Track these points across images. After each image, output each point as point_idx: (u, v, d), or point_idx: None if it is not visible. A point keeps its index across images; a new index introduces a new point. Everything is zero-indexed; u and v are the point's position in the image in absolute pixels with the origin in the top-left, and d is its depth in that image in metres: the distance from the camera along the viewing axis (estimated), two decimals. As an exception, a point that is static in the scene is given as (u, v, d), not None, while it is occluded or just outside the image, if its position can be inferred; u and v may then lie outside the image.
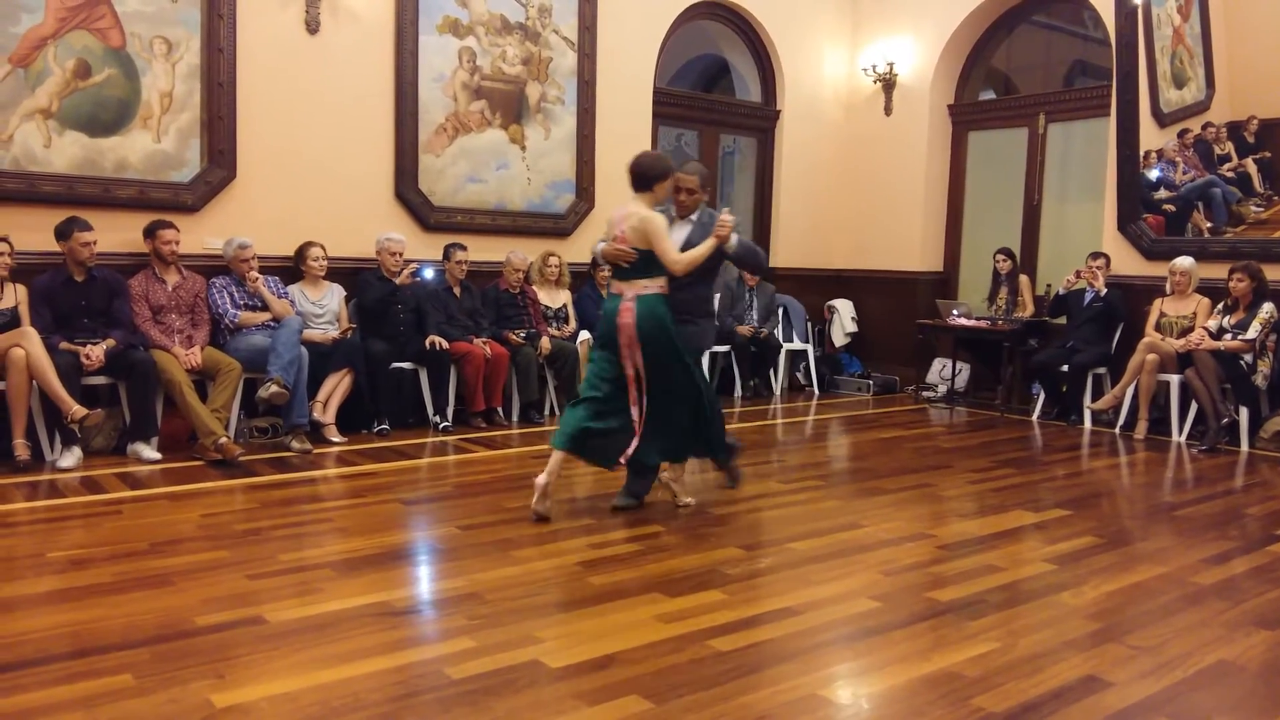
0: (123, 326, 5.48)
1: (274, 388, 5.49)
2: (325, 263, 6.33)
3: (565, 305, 7.44)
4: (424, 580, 3.68)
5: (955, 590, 3.67)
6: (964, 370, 8.80)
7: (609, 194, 7.90)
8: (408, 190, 6.95)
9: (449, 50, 7.10)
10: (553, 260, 7.39)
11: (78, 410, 5.02)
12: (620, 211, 4.47)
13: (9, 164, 5.53)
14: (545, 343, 6.95)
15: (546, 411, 7.10)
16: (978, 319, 8.35)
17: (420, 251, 6.87)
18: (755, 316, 8.58)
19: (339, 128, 6.61)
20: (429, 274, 6.66)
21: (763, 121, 9.39)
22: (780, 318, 8.91)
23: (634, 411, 4.47)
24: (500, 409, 6.74)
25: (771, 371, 8.74)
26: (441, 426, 6.41)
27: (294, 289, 6.27)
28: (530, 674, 2.83)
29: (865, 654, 3.07)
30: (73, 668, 2.78)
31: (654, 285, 4.42)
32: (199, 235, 6.10)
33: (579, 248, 7.73)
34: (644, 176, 4.45)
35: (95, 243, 5.43)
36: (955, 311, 8.46)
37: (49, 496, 4.65)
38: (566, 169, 7.77)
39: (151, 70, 5.96)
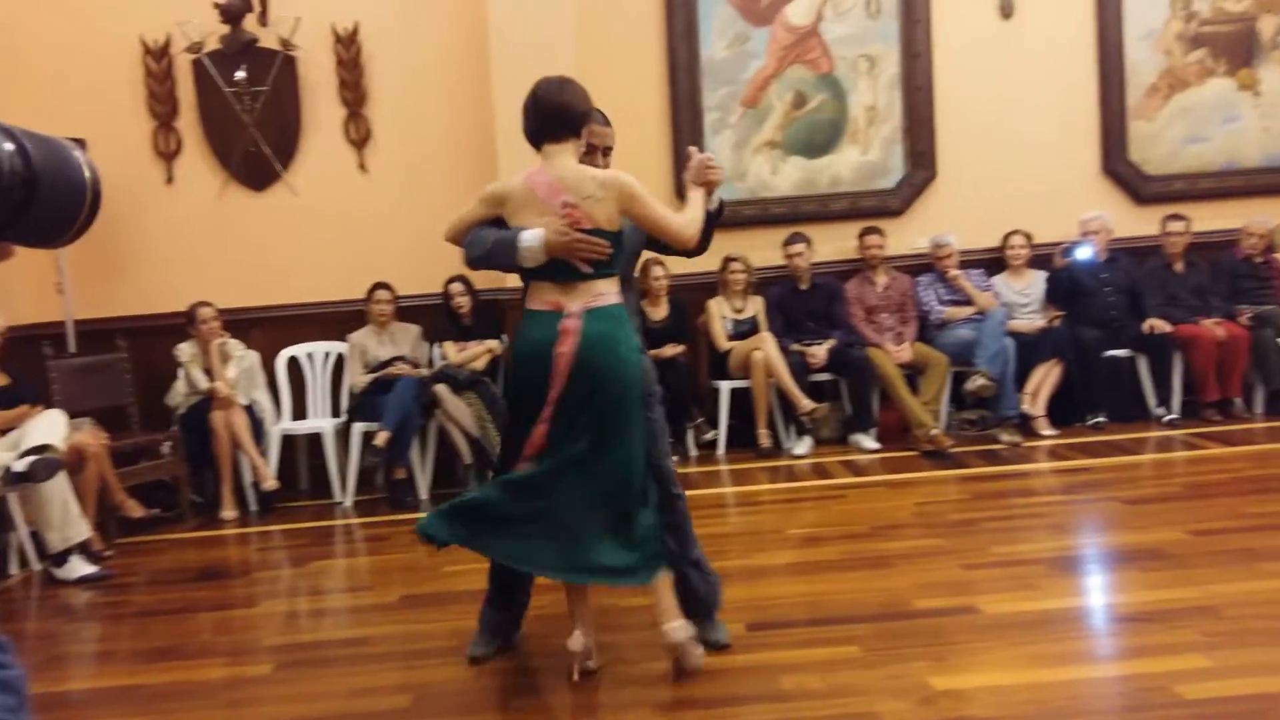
0: (841, 327, 6.01)
1: (981, 380, 5.54)
2: (1027, 251, 6.18)
3: (1323, 273, 6.22)
4: (1149, 587, 3.35)
5: None
6: None
7: (1382, 131, 6.42)
8: (1116, 163, 6.45)
9: (1159, 1, 6.42)
10: (1304, 221, 6.23)
11: (807, 404, 5.64)
12: (541, 178, 2.82)
13: (745, 193, 6.41)
14: (1297, 318, 5.88)
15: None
16: None
17: (1132, 227, 6.32)
18: None
19: (1036, 109, 6.39)
20: (1083, 253, 6.03)
21: None
22: None
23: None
24: (1240, 399, 5.88)
25: None
26: (1166, 419, 5.81)
27: (998, 280, 6.23)
28: (1286, 709, 2.42)
29: None
30: (809, 634, 3.12)
31: (612, 291, 2.85)
32: (906, 236, 6.39)
33: (1340, 202, 6.41)
34: (572, 114, 2.83)
35: (802, 254, 6.02)
36: None
37: (786, 480, 5.29)
38: (1317, 109, 6.49)
39: (857, 88, 6.42)
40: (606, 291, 2.82)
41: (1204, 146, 6.51)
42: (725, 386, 5.92)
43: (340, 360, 5.80)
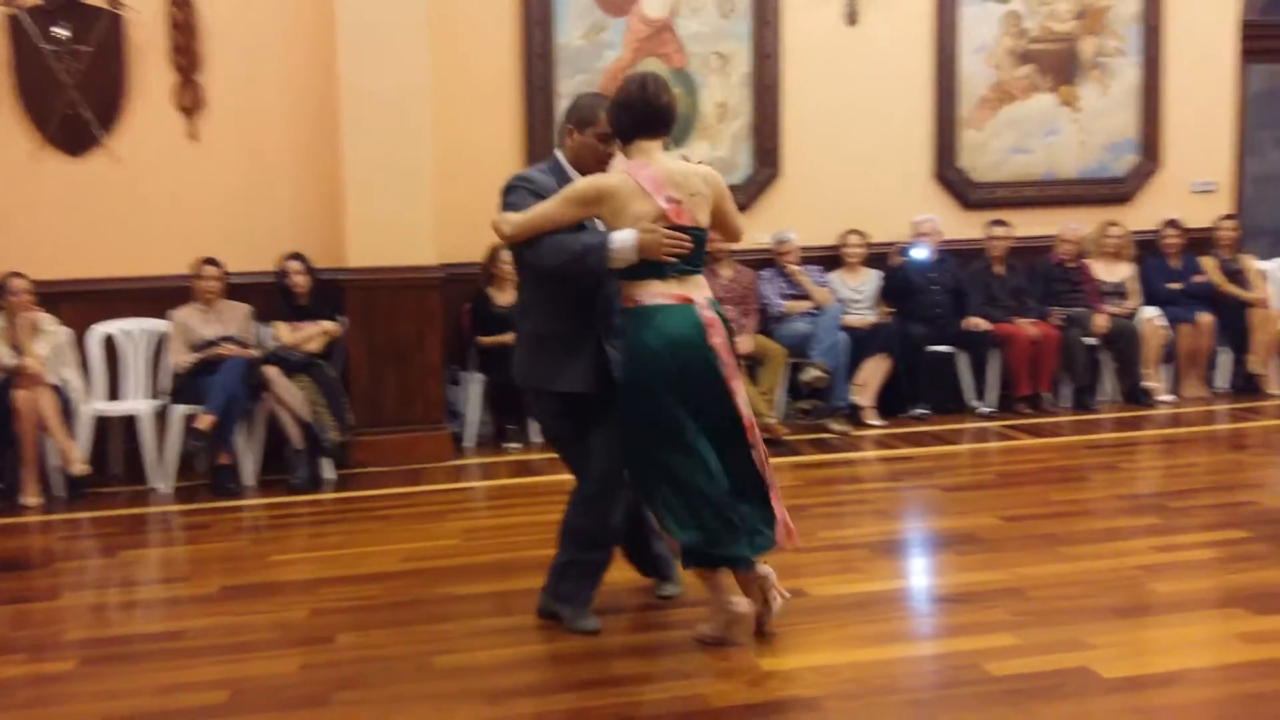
0: (686, 318, 6.09)
1: (815, 372, 5.75)
2: (863, 250, 6.42)
3: (1126, 279, 6.71)
4: (962, 570, 3.54)
5: None
6: None
7: (1178, 151, 6.98)
8: (947, 169, 6.77)
9: (992, 18, 6.77)
10: (1114, 230, 6.71)
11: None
12: (645, 172, 2.83)
13: (596, 181, 6.40)
14: (1101, 320, 6.34)
15: (1103, 397, 6.47)
16: None
17: (959, 230, 6.65)
18: None
19: (877, 114, 6.64)
20: (919, 253, 6.36)
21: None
22: None
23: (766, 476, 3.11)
24: (1049, 394, 6.30)
25: None
26: (983, 412, 6.16)
27: (834, 276, 6.44)
28: (1079, 681, 2.60)
29: None
30: (640, 619, 3.16)
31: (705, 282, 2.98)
32: (750, 232, 6.51)
33: (1143, 214, 6.93)
34: (669, 114, 2.93)
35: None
36: None
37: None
38: (1127, 127, 7.00)
39: (708, 84, 6.51)
40: (704, 283, 2.94)
41: (1027, 157, 6.91)
42: (570, 374, 5.89)
43: (162, 339, 5.48)
